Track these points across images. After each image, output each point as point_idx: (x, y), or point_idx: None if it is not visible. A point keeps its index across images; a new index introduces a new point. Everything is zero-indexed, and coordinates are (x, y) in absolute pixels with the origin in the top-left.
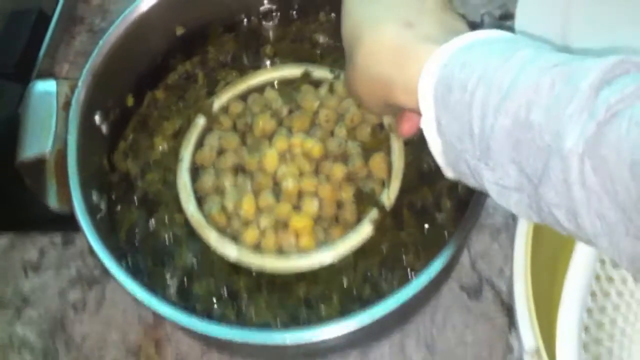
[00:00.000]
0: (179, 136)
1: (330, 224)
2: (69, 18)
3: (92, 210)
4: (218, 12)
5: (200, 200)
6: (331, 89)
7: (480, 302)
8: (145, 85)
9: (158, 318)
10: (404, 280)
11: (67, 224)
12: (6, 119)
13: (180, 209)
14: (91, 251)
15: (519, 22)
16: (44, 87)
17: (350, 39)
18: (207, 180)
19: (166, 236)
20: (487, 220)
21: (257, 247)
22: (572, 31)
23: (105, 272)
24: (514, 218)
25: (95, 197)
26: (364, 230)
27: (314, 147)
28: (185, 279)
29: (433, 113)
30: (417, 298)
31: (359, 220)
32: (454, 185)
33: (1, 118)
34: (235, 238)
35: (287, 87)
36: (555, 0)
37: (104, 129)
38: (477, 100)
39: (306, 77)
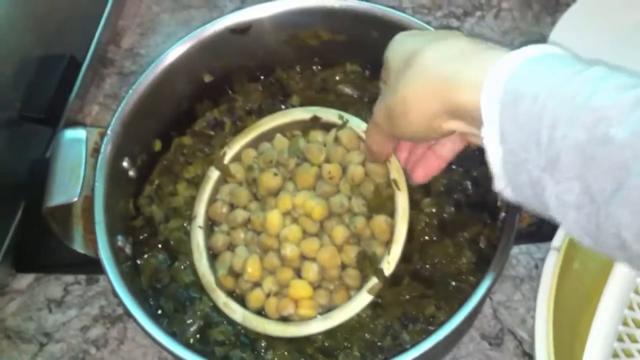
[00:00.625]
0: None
1: (335, 287)
2: (99, 61)
3: (116, 255)
4: (245, 61)
5: (214, 257)
6: (337, 140)
7: (502, 351)
8: (172, 131)
9: None
10: (425, 332)
11: (92, 265)
12: (36, 163)
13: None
14: (115, 295)
15: None
16: (74, 135)
17: (404, 53)
18: (219, 238)
19: (187, 282)
20: (509, 271)
21: (262, 311)
22: None
23: (127, 315)
24: (537, 267)
25: (120, 241)
26: (362, 300)
27: (315, 209)
28: (205, 325)
29: (497, 121)
30: (439, 348)
31: (363, 283)
32: (474, 238)
33: (31, 162)
34: (243, 298)
35: (297, 131)
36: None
37: (131, 173)
38: (548, 110)
39: (315, 121)
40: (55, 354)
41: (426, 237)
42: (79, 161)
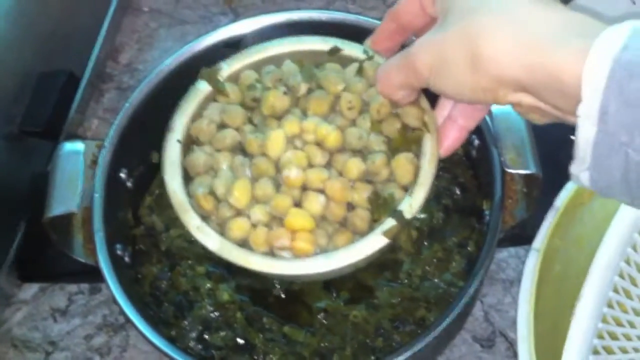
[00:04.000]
0: None
1: (336, 230)
2: (98, 76)
3: (116, 263)
4: None
5: (188, 182)
6: (360, 71)
7: (493, 353)
8: None
9: None
10: (416, 334)
11: (94, 275)
12: (38, 176)
13: (201, 262)
14: (115, 302)
15: None
16: (72, 148)
17: None
18: (200, 157)
19: (187, 289)
20: (499, 275)
21: (244, 243)
22: None
23: (128, 321)
24: None
25: (119, 250)
26: (374, 242)
27: (330, 134)
28: (204, 330)
29: (600, 98)
30: (429, 349)
31: (371, 229)
32: (463, 242)
33: (31, 175)
34: (221, 228)
35: (310, 62)
36: None
37: (129, 184)
38: None
39: (334, 53)
40: None
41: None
42: (77, 173)
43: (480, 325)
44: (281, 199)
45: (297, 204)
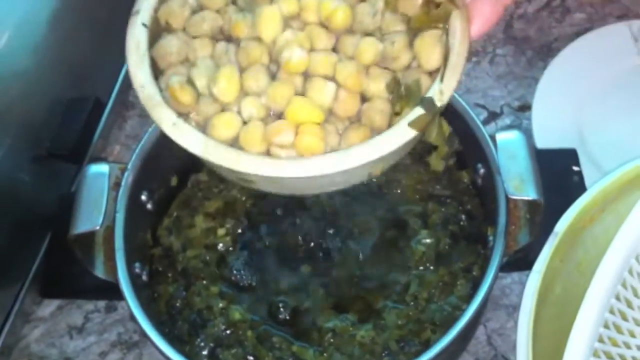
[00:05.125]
0: (218, 217)
1: (349, 126)
2: (121, 103)
3: (134, 281)
4: None
5: (158, 75)
6: None
7: None
8: (189, 168)
9: None
10: (421, 354)
11: (112, 292)
12: (62, 197)
13: (215, 283)
14: (132, 318)
15: (536, 113)
16: (97, 169)
17: None
18: (172, 43)
19: (201, 308)
20: (503, 300)
21: (234, 143)
22: (585, 122)
23: (144, 337)
24: None
25: (138, 269)
26: (401, 135)
27: (338, 11)
28: (216, 347)
29: None
30: None
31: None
32: (468, 267)
33: (58, 195)
34: (203, 129)
35: None
36: (570, 95)
37: (150, 206)
38: None
39: None
40: None
41: (422, 267)
42: (101, 193)
43: (482, 349)
44: (280, 87)
45: (301, 95)
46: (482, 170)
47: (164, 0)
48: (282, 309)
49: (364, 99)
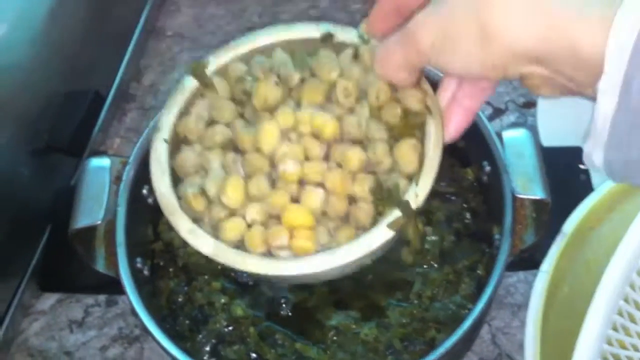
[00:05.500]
0: None
1: (337, 226)
2: (121, 96)
3: (136, 275)
4: None
5: (177, 183)
6: (356, 56)
7: None
8: None
9: None
10: (426, 354)
11: (113, 287)
12: (61, 190)
13: (217, 278)
14: (134, 313)
15: (541, 110)
16: (98, 163)
17: None
18: (189, 156)
19: (202, 304)
20: (508, 299)
21: (240, 245)
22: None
23: (144, 332)
24: None
25: (139, 263)
26: (379, 236)
27: (327, 124)
28: (218, 343)
29: (623, 70)
30: None
31: (375, 224)
32: (473, 266)
33: (56, 189)
34: (214, 230)
35: (302, 50)
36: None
37: (151, 200)
38: None
39: (327, 39)
40: None
41: (427, 265)
42: (102, 187)
43: (487, 348)
44: (277, 195)
45: (295, 201)
46: (488, 168)
47: (182, 116)
48: (284, 305)
49: (352, 199)
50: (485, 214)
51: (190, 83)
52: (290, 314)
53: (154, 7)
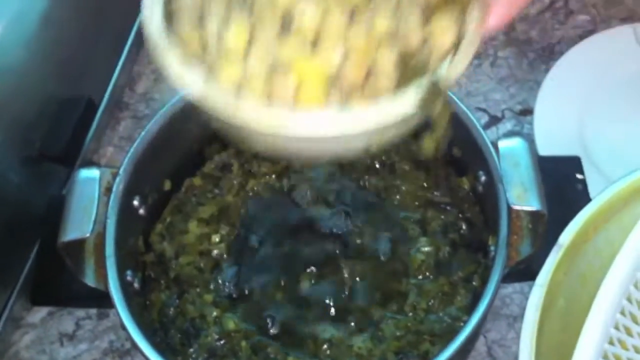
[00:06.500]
0: (212, 223)
1: (351, 91)
2: (115, 104)
3: (126, 289)
4: None
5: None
6: None
7: None
8: (182, 172)
9: None
10: None
11: (104, 300)
12: (52, 200)
13: (209, 291)
14: (123, 327)
15: (538, 118)
16: (88, 174)
17: None
18: None
19: (194, 316)
20: (504, 310)
21: (237, 91)
22: (589, 128)
23: (134, 347)
24: None
25: (129, 276)
26: (404, 102)
27: None
28: (209, 357)
29: None
30: None
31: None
32: (469, 277)
33: (48, 198)
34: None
35: None
36: (573, 99)
37: (142, 211)
38: None
39: None
40: None
41: (421, 276)
42: (92, 199)
43: None
44: (288, 44)
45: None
46: (483, 178)
47: None
48: (275, 318)
49: (369, 73)
50: (481, 224)
51: None
52: (283, 326)
53: None
